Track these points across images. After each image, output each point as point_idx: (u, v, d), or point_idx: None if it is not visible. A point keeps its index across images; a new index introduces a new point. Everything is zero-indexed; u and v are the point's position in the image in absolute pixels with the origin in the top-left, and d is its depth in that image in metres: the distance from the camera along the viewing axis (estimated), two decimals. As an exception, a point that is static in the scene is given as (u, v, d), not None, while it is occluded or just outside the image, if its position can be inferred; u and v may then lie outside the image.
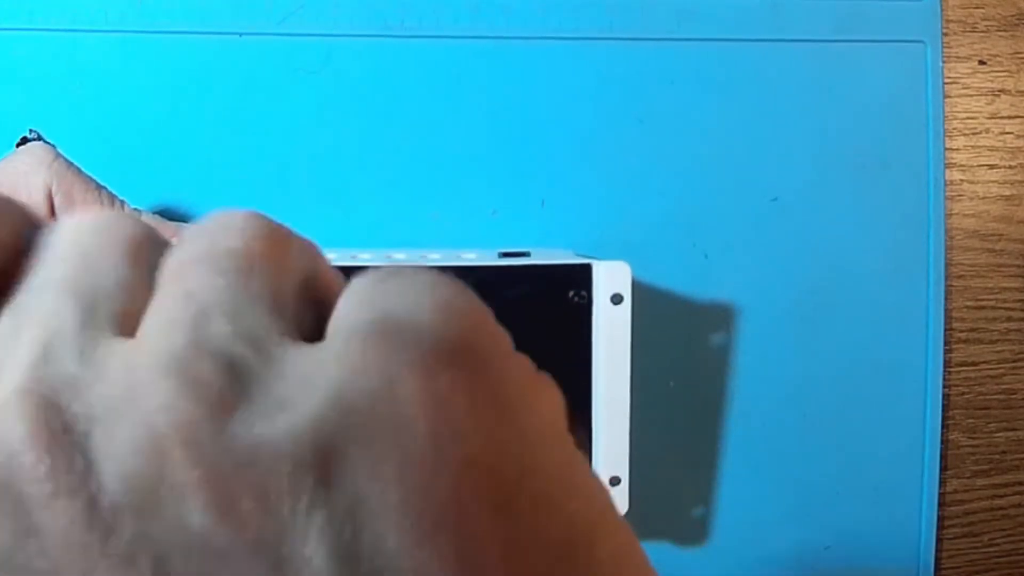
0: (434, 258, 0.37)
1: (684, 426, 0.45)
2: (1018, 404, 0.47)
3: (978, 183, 0.46)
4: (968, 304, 0.46)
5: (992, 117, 0.46)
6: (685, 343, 0.44)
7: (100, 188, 0.34)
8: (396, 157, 0.42)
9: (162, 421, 0.11)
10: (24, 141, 0.37)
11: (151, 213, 0.35)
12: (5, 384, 0.11)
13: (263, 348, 0.12)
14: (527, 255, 0.37)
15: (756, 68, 0.44)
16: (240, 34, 0.41)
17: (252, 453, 0.11)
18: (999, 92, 0.46)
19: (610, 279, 0.35)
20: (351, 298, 0.13)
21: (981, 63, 0.46)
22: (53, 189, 0.32)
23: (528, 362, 0.14)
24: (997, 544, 0.47)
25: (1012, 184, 0.46)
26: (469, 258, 0.37)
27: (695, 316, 0.44)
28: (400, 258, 0.36)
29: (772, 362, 0.45)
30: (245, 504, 0.11)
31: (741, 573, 0.45)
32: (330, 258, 0.15)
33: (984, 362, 0.47)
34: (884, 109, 0.44)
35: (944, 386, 0.46)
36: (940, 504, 0.46)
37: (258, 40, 0.41)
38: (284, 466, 0.11)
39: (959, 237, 0.46)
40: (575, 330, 0.35)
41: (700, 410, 0.45)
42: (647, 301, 0.41)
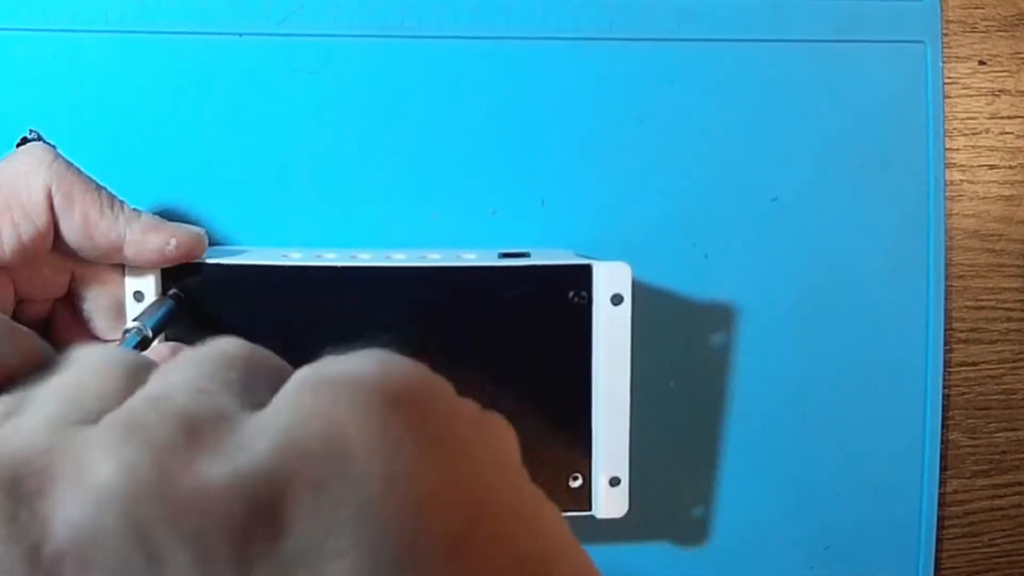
0: (434, 258, 0.37)
1: (684, 426, 0.45)
2: (1018, 404, 0.47)
3: (978, 183, 0.46)
4: (968, 304, 0.46)
5: (992, 117, 0.46)
6: (685, 343, 0.44)
7: (100, 188, 0.34)
8: (396, 157, 0.42)
9: (104, 472, 0.11)
10: (24, 141, 0.37)
11: (151, 213, 0.35)
12: None
13: (223, 413, 0.12)
14: (527, 255, 0.37)
15: (756, 68, 0.44)
16: (240, 34, 0.41)
17: (196, 497, 0.11)
18: (999, 92, 0.46)
19: (610, 279, 0.35)
20: (300, 369, 0.14)
21: (981, 63, 0.46)
22: (53, 189, 0.32)
23: (474, 405, 0.15)
24: (997, 544, 0.47)
25: (1012, 184, 0.46)
26: (469, 258, 0.37)
27: (695, 316, 0.44)
28: (400, 258, 0.36)
29: (772, 362, 0.45)
30: (178, 551, 0.11)
31: (741, 573, 0.45)
32: (330, 258, 0.15)
33: (984, 362, 0.47)
34: (884, 109, 0.44)
35: (944, 386, 0.46)
36: (940, 504, 0.46)
37: (258, 40, 0.41)
38: (227, 507, 0.11)
39: (959, 237, 0.46)
40: (575, 330, 0.35)
41: (700, 410, 0.45)
42: (647, 301, 0.41)
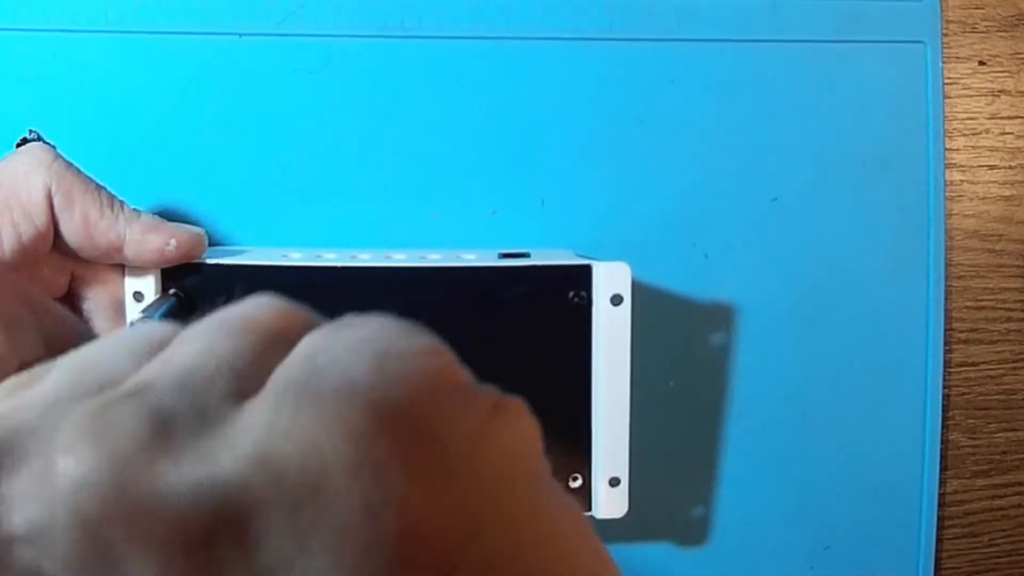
0: (434, 258, 0.37)
1: (684, 426, 0.45)
2: (1018, 404, 0.47)
3: (978, 183, 0.46)
4: (968, 304, 0.46)
5: (992, 117, 0.46)
6: (685, 343, 0.44)
7: (100, 188, 0.34)
8: (396, 157, 0.42)
9: (62, 465, 0.11)
10: (24, 141, 0.37)
11: (151, 213, 0.35)
12: None
13: (203, 410, 0.12)
14: (527, 255, 0.37)
15: (756, 68, 0.44)
16: (240, 34, 0.41)
17: (153, 503, 0.11)
18: (999, 92, 0.46)
19: (610, 279, 0.35)
20: (297, 351, 0.13)
21: (981, 63, 0.46)
22: (53, 189, 0.32)
23: (487, 399, 0.13)
24: (997, 544, 0.47)
25: (1012, 184, 0.46)
26: (469, 258, 0.37)
27: (695, 316, 0.44)
28: (400, 258, 0.36)
29: (772, 362, 0.45)
30: (134, 554, 0.10)
31: (741, 573, 0.45)
32: (330, 258, 0.15)
33: (984, 362, 0.47)
34: (884, 109, 0.44)
35: (944, 386, 0.46)
36: (940, 504, 0.46)
37: (258, 40, 0.41)
38: (184, 517, 0.11)
39: (959, 237, 0.46)
40: (575, 330, 0.35)
41: (700, 410, 0.45)
42: (647, 301, 0.41)
